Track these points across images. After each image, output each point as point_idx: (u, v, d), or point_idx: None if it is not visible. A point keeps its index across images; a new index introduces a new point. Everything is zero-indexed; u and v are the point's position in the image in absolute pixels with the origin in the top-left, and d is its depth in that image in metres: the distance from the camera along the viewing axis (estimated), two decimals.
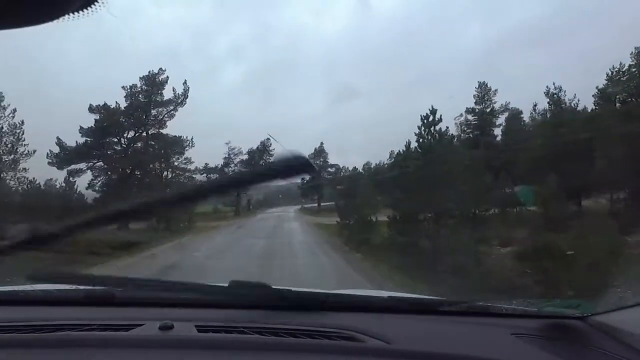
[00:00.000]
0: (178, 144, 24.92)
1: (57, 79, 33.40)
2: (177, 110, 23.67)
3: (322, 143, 35.83)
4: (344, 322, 1.15)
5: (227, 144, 34.20)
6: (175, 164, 25.42)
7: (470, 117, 26.99)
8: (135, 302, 1.35)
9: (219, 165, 32.91)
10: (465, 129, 27.21)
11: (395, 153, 30.39)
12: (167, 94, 23.46)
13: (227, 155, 34.11)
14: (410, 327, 1.20)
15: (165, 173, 25.10)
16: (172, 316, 1.13)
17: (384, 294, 1.53)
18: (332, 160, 37.58)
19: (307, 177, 28.01)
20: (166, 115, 24.07)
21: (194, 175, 26.55)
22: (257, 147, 33.68)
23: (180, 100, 23.33)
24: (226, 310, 1.29)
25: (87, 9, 0.58)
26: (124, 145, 23.95)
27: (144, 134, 24.14)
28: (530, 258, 6.66)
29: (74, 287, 1.50)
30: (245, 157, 34.10)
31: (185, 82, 23.75)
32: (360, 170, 31.91)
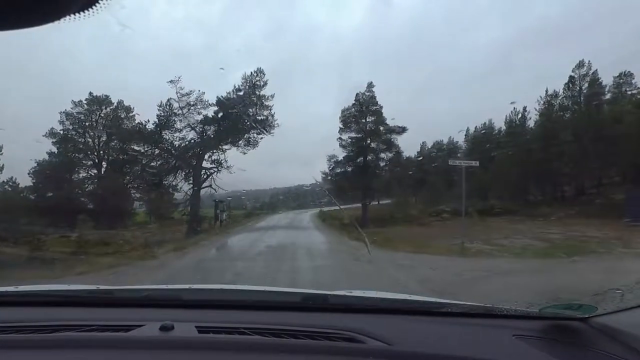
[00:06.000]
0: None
1: (66, 78, 32.84)
2: None
3: (370, 84, 20.12)
4: (344, 324, 1.14)
5: (172, 82, 17.64)
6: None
7: None
8: (136, 303, 1.35)
9: (152, 124, 18.05)
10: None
11: (431, 144, 25.90)
12: None
13: (168, 106, 17.54)
14: (411, 329, 1.20)
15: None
16: (173, 317, 1.13)
17: (385, 295, 1.52)
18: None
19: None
20: None
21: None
22: (236, 89, 17.84)
23: None
24: (227, 311, 1.29)
25: (89, 10, 0.58)
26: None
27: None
28: None
29: (74, 287, 1.50)
30: (212, 110, 18.30)
31: None
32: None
